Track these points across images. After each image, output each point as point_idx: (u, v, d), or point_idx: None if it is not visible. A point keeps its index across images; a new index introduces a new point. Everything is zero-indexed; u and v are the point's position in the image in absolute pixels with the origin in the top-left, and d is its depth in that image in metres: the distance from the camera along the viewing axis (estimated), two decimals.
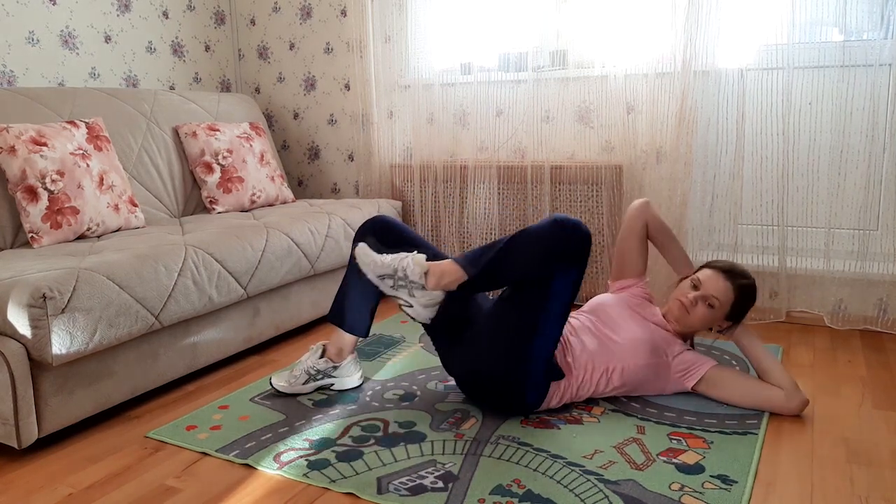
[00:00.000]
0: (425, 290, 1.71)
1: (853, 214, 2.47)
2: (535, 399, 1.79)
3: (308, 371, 2.00)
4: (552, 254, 1.66)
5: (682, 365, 1.88)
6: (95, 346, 1.75)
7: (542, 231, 1.68)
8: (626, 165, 2.71)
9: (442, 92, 3.06)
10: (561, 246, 1.65)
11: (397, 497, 1.45)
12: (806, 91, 2.45)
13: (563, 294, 1.71)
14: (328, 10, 3.34)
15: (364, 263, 1.76)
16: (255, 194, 2.92)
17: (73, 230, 2.23)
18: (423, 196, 3.12)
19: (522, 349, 1.73)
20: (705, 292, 1.85)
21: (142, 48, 3.13)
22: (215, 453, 1.67)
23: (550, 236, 1.67)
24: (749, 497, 1.43)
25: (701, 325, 1.89)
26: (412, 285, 1.71)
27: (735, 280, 1.86)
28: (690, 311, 1.87)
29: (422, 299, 1.72)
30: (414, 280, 1.71)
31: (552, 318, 1.72)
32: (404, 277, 1.71)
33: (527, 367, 1.74)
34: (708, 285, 1.86)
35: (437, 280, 1.71)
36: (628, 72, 2.66)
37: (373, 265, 1.74)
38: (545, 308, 1.71)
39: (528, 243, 1.68)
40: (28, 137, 2.21)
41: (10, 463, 1.67)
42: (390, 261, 1.73)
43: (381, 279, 1.74)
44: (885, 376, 2.07)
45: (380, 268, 1.74)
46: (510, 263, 1.69)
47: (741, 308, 1.88)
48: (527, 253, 1.68)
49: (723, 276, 1.87)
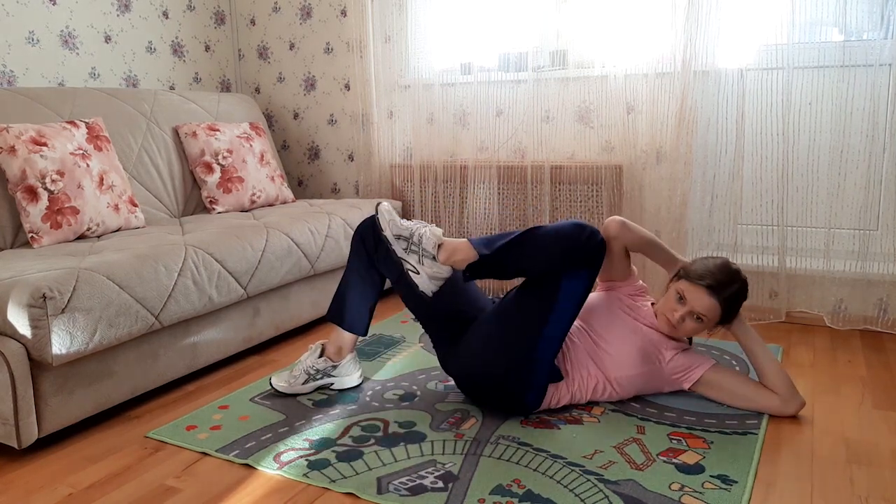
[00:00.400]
0: (435, 261, 1.76)
1: (853, 214, 2.47)
2: (533, 399, 1.79)
3: (307, 371, 1.99)
4: (569, 250, 1.68)
5: (678, 368, 1.86)
6: (95, 346, 1.75)
7: (562, 229, 1.71)
8: (626, 165, 2.71)
9: (442, 92, 3.06)
10: (579, 245, 1.68)
11: (397, 497, 1.45)
12: (806, 91, 2.45)
13: (572, 296, 1.73)
14: (328, 10, 3.34)
15: (385, 220, 1.81)
16: (255, 194, 2.92)
17: (73, 230, 2.23)
18: (423, 196, 3.12)
19: (527, 350, 1.73)
20: (691, 308, 1.78)
21: (142, 48, 3.13)
22: (215, 453, 1.67)
23: (570, 235, 1.70)
24: (749, 497, 1.43)
25: (693, 334, 1.86)
26: (425, 253, 1.77)
27: (720, 294, 1.77)
28: (679, 327, 1.81)
29: (429, 269, 1.77)
30: (427, 249, 1.76)
31: (559, 319, 1.73)
32: (418, 243, 1.77)
33: (531, 368, 1.74)
34: (693, 302, 1.78)
35: (449, 255, 1.76)
36: (628, 72, 2.66)
37: (392, 224, 1.81)
38: (553, 309, 1.72)
39: (545, 238, 1.71)
40: (28, 137, 2.21)
41: (10, 463, 1.67)
42: (409, 224, 1.81)
43: (396, 238, 1.80)
44: (885, 376, 2.07)
45: (399, 228, 1.81)
46: (524, 254, 1.72)
47: (731, 313, 1.82)
48: (544, 248, 1.70)
49: (707, 292, 1.77)
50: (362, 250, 1.96)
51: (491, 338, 1.78)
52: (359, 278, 1.97)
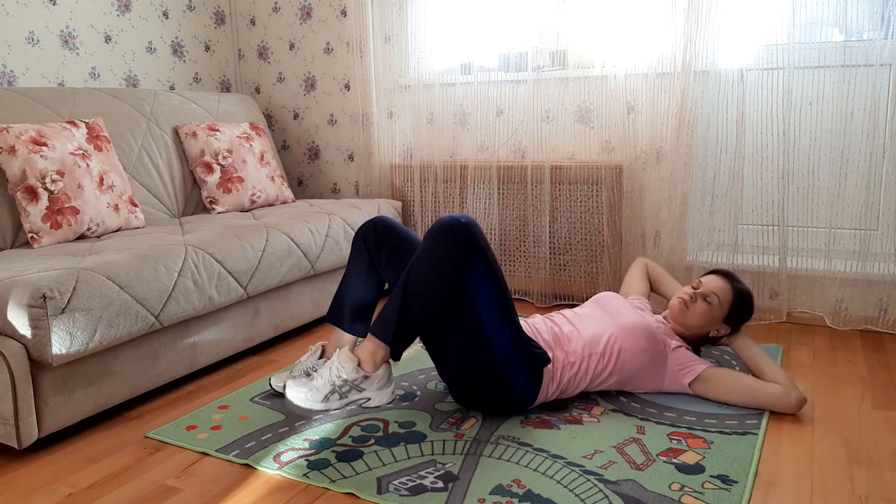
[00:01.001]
0: (367, 377, 1.66)
1: (854, 214, 2.47)
2: (524, 388, 1.78)
3: (307, 372, 1.98)
4: (444, 264, 1.64)
5: (680, 360, 1.88)
6: (95, 346, 1.75)
7: (425, 251, 1.66)
8: (626, 165, 2.71)
9: (442, 92, 3.06)
10: (451, 247, 1.64)
11: (397, 497, 1.45)
12: (806, 91, 2.45)
13: (485, 291, 1.70)
14: (328, 10, 3.34)
15: (302, 408, 1.66)
16: (255, 194, 2.92)
17: (73, 230, 2.23)
18: (423, 196, 3.12)
19: (487, 354, 1.73)
20: (705, 289, 1.92)
21: (142, 48, 3.13)
22: (215, 453, 1.67)
23: (433, 251, 1.65)
24: (749, 497, 1.43)
25: (700, 323, 1.91)
26: (356, 383, 1.66)
27: (734, 282, 1.94)
28: (689, 307, 1.91)
29: (372, 386, 1.67)
30: (355, 379, 1.65)
31: (491, 314, 1.71)
32: (344, 382, 1.65)
33: (499, 367, 1.74)
34: (708, 284, 1.94)
35: (372, 360, 1.67)
36: (628, 72, 2.66)
37: (312, 401, 1.65)
38: (479, 313, 1.70)
39: (420, 272, 1.66)
40: (28, 137, 2.21)
41: (10, 463, 1.67)
42: (322, 382, 1.66)
43: (326, 402, 1.64)
44: (886, 376, 2.07)
45: (319, 396, 1.65)
46: (417, 302, 1.65)
47: (739, 314, 1.92)
48: (424, 280, 1.65)
49: (722, 277, 1.96)
50: (364, 251, 1.96)
51: (455, 347, 1.78)
52: (359, 280, 1.97)
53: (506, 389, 1.77)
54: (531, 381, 1.78)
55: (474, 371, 1.76)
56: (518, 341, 1.75)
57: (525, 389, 1.78)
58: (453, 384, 1.84)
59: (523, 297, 2.99)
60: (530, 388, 1.79)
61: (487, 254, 1.71)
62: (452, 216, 1.68)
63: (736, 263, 2.60)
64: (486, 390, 1.78)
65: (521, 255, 2.96)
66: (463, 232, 1.66)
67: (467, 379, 1.79)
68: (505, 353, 1.73)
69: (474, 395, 1.81)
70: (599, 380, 1.87)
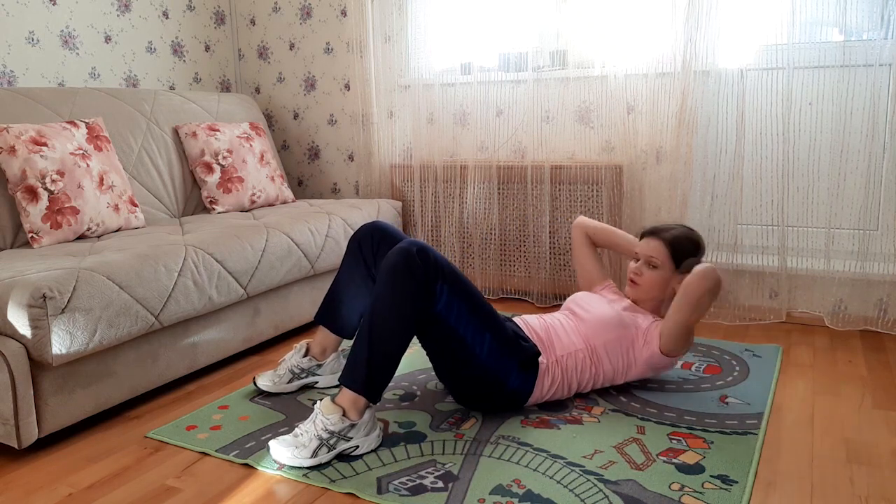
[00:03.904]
0: (354, 426, 1.61)
1: (853, 214, 2.48)
2: (518, 383, 1.78)
3: (292, 370, 2.01)
4: (405, 300, 1.61)
5: (646, 336, 1.87)
6: (95, 347, 1.75)
7: (383, 292, 1.62)
8: (626, 165, 2.71)
9: (442, 92, 3.06)
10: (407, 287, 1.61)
11: (397, 497, 1.45)
12: (806, 91, 2.45)
13: (454, 308, 1.68)
14: (328, 10, 3.34)
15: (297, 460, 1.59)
16: (255, 194, 2.92)
17: (73, 230, 2.23)
18: (423, 196, 3.12)
19: (473, 359, 1.73)
20: (643, 257, 1.94)
21: (142, 48, 3.13)
22: (215, 453, 1.67)
23: (391, 288, 1.61)
24: (749, 497, 1.43)
25: (658, 289, 1.93)
26: (342, 433, 1.60)
27: (659, 235, 1.94)
28: (639, 281, 1.94)
29: (359, 433, 1.63)
30: (341, 429, 1.60)
31: (468, 329, 1.70)
32: (331, 433, 1.59)
33: (488, 369, 1.74)
34: (642, 252, 1.95)
35: (355, 407, 1.62)
36: (628, 72, 2.66)
37: (301, 458, 1.57)
38: (454, 329, 1.70)
39: (381, 314, 1.61)
40: (28, 137, 2.21)
41: (10, 463, 1.67)
42: (308, 437, 1.59)
43: (316, 458, 1.58)
44: (885, 376, 2.07)
45: (307, 453, 1.58)
46: (383, 344, 1.61)
47: (681, 255, 1.91)
48: (389, 322, 1.61)
49: (648, 238, 1.96)
50: (359, 255, 1.97)
51: (441, 357, 1.79)
52: (351, 283, 1.98)
53: (500, 387, 1.77)
54: (523, 375, 1.78)
55: (465, 376, 1.77)
56: (501, 340, 1.74)
57: (519, 384, 1.78)
58: (449, 386, 1.85)
59: (523, 297, 2.99)
60: (524, 382, 1.79)
61: (447, 272, 1.68)
62: (401, 247, 1.64)
63: (736, 263, 2.60)
64: (481, 391, 1.79)
65: (521, 255, 2.96)
66: (417, 261, 1.63)
67: (460, 382, 1.80)
68: (490, 355, 1.74)
69: (471, 396, 1.81)
70: (590, 375, 1.87)
